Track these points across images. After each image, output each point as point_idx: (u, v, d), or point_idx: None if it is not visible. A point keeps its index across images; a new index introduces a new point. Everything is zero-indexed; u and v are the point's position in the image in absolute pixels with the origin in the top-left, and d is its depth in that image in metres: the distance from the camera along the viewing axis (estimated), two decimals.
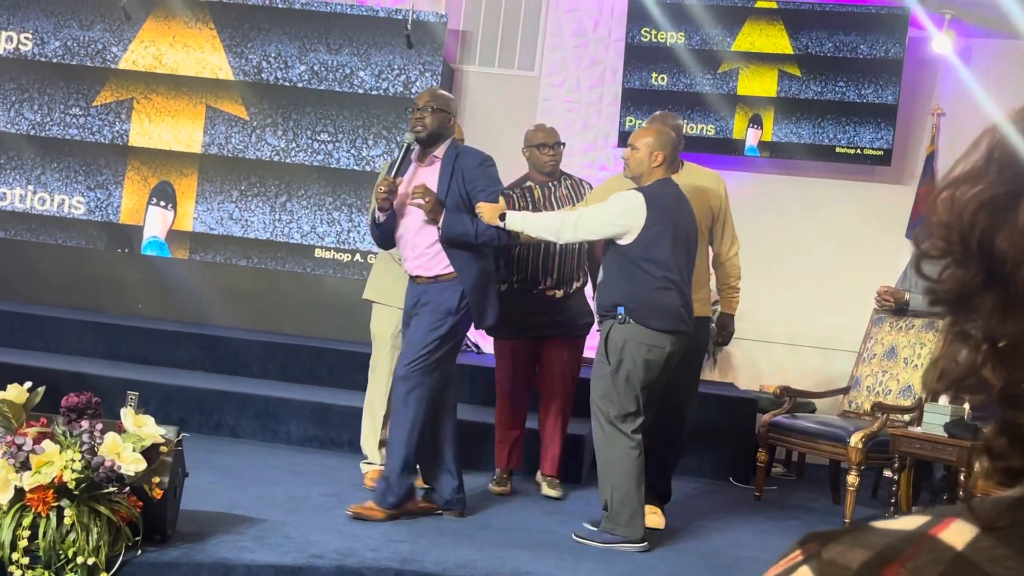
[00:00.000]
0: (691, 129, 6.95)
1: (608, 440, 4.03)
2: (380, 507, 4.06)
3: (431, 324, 4.08)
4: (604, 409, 4.02)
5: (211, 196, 7.05)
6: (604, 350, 4.02)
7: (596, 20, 7.29)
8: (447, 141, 4.19)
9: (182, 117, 7.09)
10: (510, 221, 4.05)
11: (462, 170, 4.11)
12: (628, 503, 4.00)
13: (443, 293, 4.10)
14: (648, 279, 3.98)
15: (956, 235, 0.61)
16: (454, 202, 4.08)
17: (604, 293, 4.09)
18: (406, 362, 4.07)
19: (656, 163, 4.06)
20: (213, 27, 7.08)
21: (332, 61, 6.99)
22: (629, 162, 4.12)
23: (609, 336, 4.01)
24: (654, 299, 3.99)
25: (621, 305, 3.99)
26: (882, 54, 6.69)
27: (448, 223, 4.03)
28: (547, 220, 4.11)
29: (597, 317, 4.19)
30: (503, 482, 4.88)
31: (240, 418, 5.54)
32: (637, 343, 3.98)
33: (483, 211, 4.04)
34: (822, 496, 5.62)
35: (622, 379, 3.99)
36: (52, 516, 3.05)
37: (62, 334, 6.35)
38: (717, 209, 4.48)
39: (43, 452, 3.10)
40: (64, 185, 7.15)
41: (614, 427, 4.00)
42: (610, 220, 4.01)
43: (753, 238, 7.09)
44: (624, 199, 4.02)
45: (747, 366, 7.09)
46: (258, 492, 4.33)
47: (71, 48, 7.16)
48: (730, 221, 4.56)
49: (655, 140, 4.08)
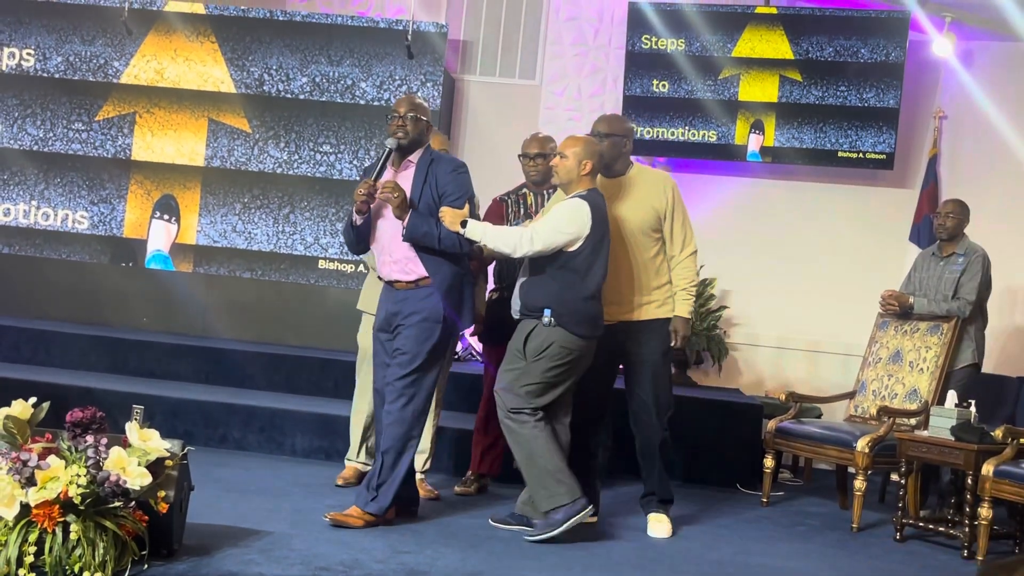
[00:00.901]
0: (692, 135, 6.95)
1: (511, 432, 4.15)
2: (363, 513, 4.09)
3: (421, 335, 4.10)
4: (506, 399, 4.14)
5: (214, 209, 7.06)
6: (523, 346, 4.14)
7: (596, 28, 7.30)
8: (422, 147, 4.24)
9: (184, 130, 7.10)
10: (470, 230, 4.10)
11: (435, 175, 4.16)
12: (551, 475, 4.09)
13: (427, 300, 4.11)
14: (582, 288, 4.14)
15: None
16: (425, 206, 4.12)
17: (532, 294, 4.16)
18: (402, 374, 4.08)
19: (584, 171, 4.20)
20: (214, 40, 7.10)
21: (333, 73, 7.01)
22: (558, 169, 4.22)
23: (532, 335, 4.13)
24: (583, 307, 4.15)
25: (549, 308, 4.11)
26: (883, 58, 6.70)
27: (412, 223, 4.07)
28: (505, 235, 4.14)
29: (517, 314, 4.22)
30: (468, 483, 4.96)
31: (245, 431, 5.53)
32: (560, 346, 4.11)
33: (445, 215, 4.08)
34: (829, 501, 5.60)
35: (531, 378, 4.12)
36: (58, 531, 3.04)
37: (66, 349, 6.36)
38: (662, 210, 4.46)
39: (48, 467, 3.10)
40: (67, 200, 7.16)
41: (517, 412, 4.13)
42: (561, 229, 4.10)
43: (756, 244, 7.10)
44: (571, 209, 4.13)
45: (752, 372, 7.08)
46: (264, 505, 4.32)
47: (73, 63, 7.18)
48: (680, 222, 4.50)
49: (583, 149, 4.20)
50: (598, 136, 4.43)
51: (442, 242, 4.09)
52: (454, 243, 4.10)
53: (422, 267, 4.13)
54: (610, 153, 4.44)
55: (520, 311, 4.21)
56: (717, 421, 5.90)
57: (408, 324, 4.12)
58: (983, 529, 4.38)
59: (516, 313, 4.24)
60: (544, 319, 4.12)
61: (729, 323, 7.01)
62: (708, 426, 5.87)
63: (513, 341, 4.22)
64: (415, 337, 4.10)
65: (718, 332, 6.80)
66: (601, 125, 4.52)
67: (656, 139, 7.01)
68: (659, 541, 4.38)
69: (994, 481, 4.36)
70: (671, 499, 4.59)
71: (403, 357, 4.10)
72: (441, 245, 4.10)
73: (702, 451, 5.83)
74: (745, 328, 7.09)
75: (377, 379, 4.28)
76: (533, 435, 4.12)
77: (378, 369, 4.27)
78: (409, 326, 4.11)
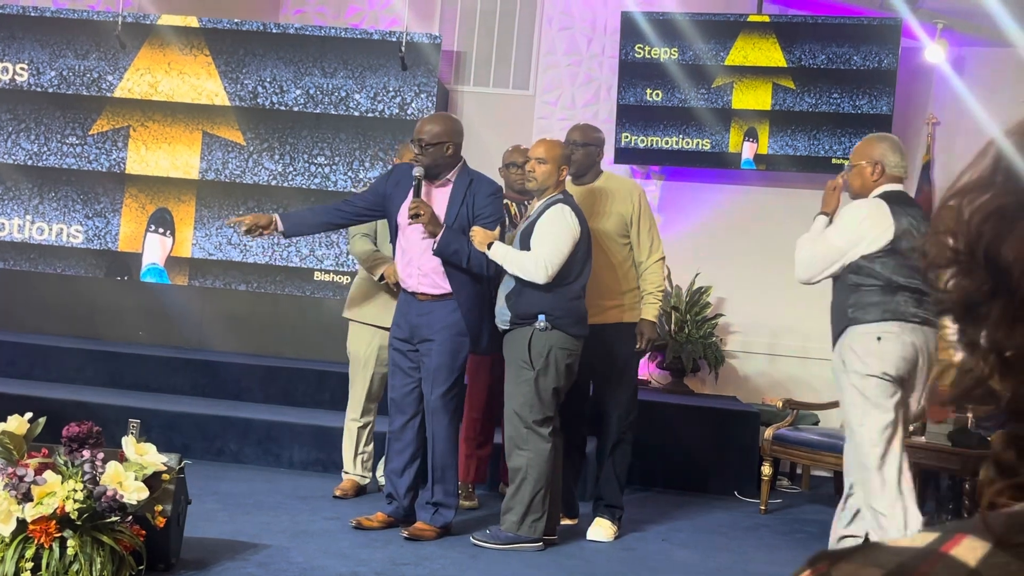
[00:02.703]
0: (686, 144, 6.96)
1: (527, 442, 4.13)
2: (433, 527, 4.21)
3: (455, 348, 4.20)
4: (523, 414, 4.13)
5: (209, 222, 7.05)
6: (528, 357, 4.12)
7: (590, 38, 7.31)
8: (457, 165, 4.26)
9: (179, 144, 7.10)
10: (494, 251, 4.13)
11: (474, 196, 4.21)
12: (538, 506, 4.12)
13: (453, 315, 4.19)
14: (570, 288, 4.18)
15: (962, 244, 0.61)
16: (460, 225, 4.18)
17: (523, 302, 4.16)
18: (441, 391, 4.17)
19: (561, 177, 4.27)
20: (208, 53, 7.11)
21: (327, 84, 7.01)
22: (535, 174, 4.25)
23: (532, 343, 4.12)
24: (574, 307, 4.19)
25: (543, 313, 4.12)
26: (875, 65, 6.72)
27: (445, 239, 4.11)
28: (522, 261, 4.15)
29: (506, 324, 4.20)
30: (470, 496, 4.95)
31: (243, 444, 5.52)
32: (560, 348, 4.14)
33: (475, 235, 4.13)
34: (828, 508, 5.59)
35: (546, 384, 4.13)
36: (55, 547, 3.03)
37: (62, 363, 6.34)
38: (629, 215, 4.55)
39: (45, 483, 3.09)
40: (62, 214, 7.16)
41: (532, 431, 4.12)
42: (562, 248, 4.13)
43: (752, 251, 7.11)
44: (563, 220, 4.16)
45: (749, 379, 7.08)
46: (262, 518, 4.31)
47: (67, 78, 7.18)
48: (647, 229, 4.58)
49: (562, 155, 4.27)
50: (573, 145, 4.53)
51: (471, 261, 4.14)
52: (481, 264, 4.16)
53: (448, 282, 4.16)
54: (585, 162, 4.58)
55: (511, 320, 4.19)
56: (714, 429, 5.89)
57: (440, 339, 4.17)
58: None
59: (504, 324, 4.21)
60: (539, 324, 4.11)
61: (725, 331, 7.01)
62: (705, 434, 5.87)
63: (513, 353, 4.19)
64: (450, 352, 4.19)
65: (714, 340, 6.80)
66: (576, 134, 4.64)
67: (650, 148, 7.02)
68: (658, 548, 4.38)
69: None
70: (618, 505, 4.58)
71: (440, 373, 4.16)
72: (468, 263, 4.14)
73: (700, 459, 5.83)
74: (741, 336, 7.10)
75: (395, 388, 4.30)
76: (547, 456, 4.12)
77: (396, 377, 4.30)
78: (441, 341, 4.16)
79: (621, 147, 6.97)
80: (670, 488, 5.71)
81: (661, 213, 7.06)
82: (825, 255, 3.81)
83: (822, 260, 3.83)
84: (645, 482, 5.69)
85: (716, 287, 6.93)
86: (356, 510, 4.51)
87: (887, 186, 3.80)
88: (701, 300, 6.82)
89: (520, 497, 4.12)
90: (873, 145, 3.89)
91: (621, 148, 6.97)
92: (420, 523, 4.21)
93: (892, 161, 3.83)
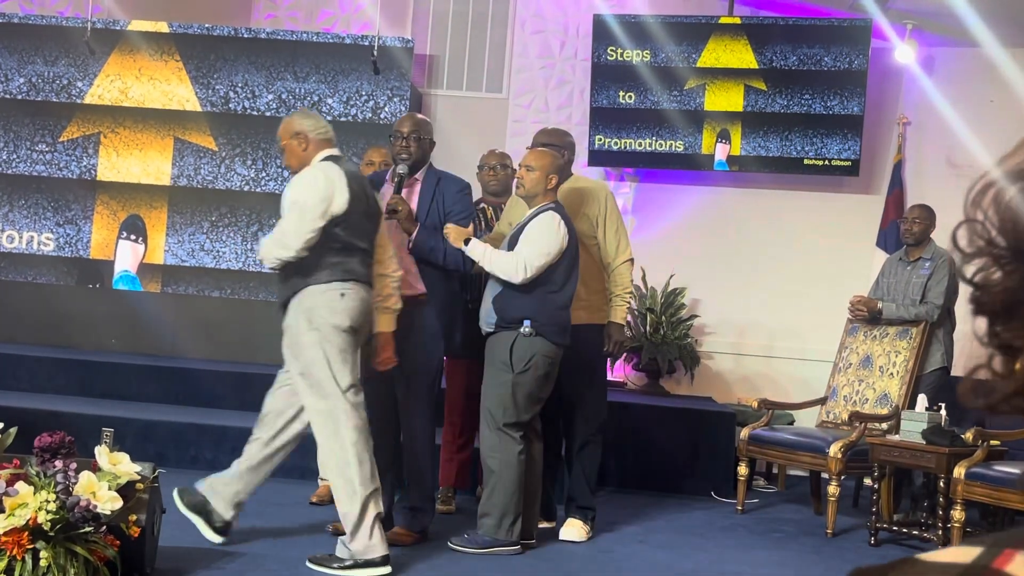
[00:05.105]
0: (660, 146, 6.98)
1: (498, 445, 4.14)
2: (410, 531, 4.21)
3: (428, 351, 4.21)
4: (496, 415, 4.14)
5: (181, 228, 7.01)
6: (508, 359, 4.12)
7: (562, 41, 7.32)
8: (425, 165, 4.33)
9: (150, 150, 7.05)
10: (471, 248, 4.14)
11: (443, 194, 4.24)
12: (513, 508, 4.13)
13: (427, 316, 4.18)
14: (558, 297, 4.19)
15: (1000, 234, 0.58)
16: (432, 223, 4.20)
17: (509, 306, 4.16)
18: (416, 394, 4.15)
19: (550, 185, 4.27)
20: (179, 59, 7.06)
21: (300, 89, 6.99)
22: (524, 181, 4.27)
23: (515, 347, 4.13)
24: (559, 316, 4.20)
25: (528, 319, 4.12)
26: (846, 66, 6.76)
27: (421, 237, 4.14)
28: (502, 260, 4.16)
29: (491, 327, 4.21)
30: (448, 500, 4.94)
31: (218, 452, 5.48)
32: (542, 356, 4.14)
33: (449, 232, 4.13)
34: (804, 507, 5.62)
35: (524, 390, 4.13)
36: (28, 559, 3.00)
37: (34, 372, 6.28)
38: (595, 216, 4.56)
39: (17, 494, 3.05)
40: (32, 222, 7.08)
41: (504, 432, 4.13)
42: (545, 252, 4.14)
43: (726, 252, 7.13)
44: (550, 226, 4.17)
45: (724, 380, 7.11)
46: (238, 526, 4.28)
47: (36, 84, 7.12)
48: (614, 230, 4.58)
49: (551, 163, 4.28)
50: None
51: (446, 258, 4.15)
52: (457, 260, 4.18)
53: (422, 283, 4.16)
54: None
55: (496, 324, 4.19)
56: (690, 430, 5.91)
57: (414, 341, 4.14)
58: (956, 531, 4.41)
59: (489, 326, 4.22)
60: (524, 330, 4.11)
61: (700, 332, 7.03)
62: (681, 435, 5.88)
63: (494, 354, 4.19)
64: (424, 354, 4.19)
65: (689, 341, 6.82)
66: (542, 137, 4.66)
67: (624, 150, 7.03)
68: (636, 549, 4.38)
69: (966, 483, 4.40)
70: (590, 506, 4.59)
71: (415, 376, 4.16)
72: (445, 261, 4.17)
73: (676, 460, 5.84)
74: (716, 336, 7.12)
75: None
76: (517, 459, 4.12)
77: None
78: (415, 343, 4.15)
79: (595, 150, 6.98)
80: (647, 489, 5.71)
81: (635, 215, 7.08)
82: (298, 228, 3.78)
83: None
84: (622, 483, 5.69)
85: (691, 288, 6.95)
86: (333, 516, 4.48)
87: (326, 151, 3.81)
88: (676, 301, 6.83)
89: (495, 501, 4.13)
90: (286, 124, 3.88)
91: (595, 151, 6.99)
92: (398, 528, 4.19)
93: (309, 125, 3.83)
